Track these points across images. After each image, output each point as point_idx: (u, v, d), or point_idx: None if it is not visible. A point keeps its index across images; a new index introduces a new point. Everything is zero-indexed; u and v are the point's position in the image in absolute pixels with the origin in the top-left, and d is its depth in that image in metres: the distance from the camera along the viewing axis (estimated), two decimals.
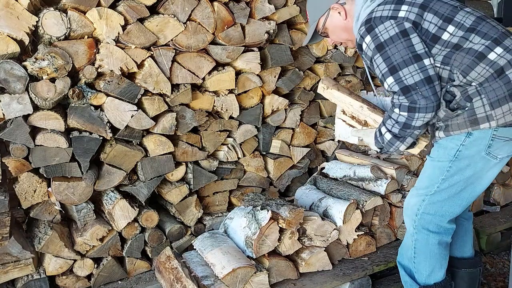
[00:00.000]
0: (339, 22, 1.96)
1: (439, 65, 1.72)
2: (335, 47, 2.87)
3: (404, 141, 1.84)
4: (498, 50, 1.66)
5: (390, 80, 1.74)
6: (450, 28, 1.70)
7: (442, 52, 1.72)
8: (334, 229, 2.40)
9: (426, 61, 1.69)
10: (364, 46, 1.79)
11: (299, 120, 2.87)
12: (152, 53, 2.29)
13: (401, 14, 1.72)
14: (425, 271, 1.98)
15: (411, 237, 1.99)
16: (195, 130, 2.55)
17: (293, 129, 2.87)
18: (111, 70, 2.20)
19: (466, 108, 1.70)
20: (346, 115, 2.16)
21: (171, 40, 2.34)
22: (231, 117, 2.62)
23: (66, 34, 2.10)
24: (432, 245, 1.94)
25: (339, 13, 1.95)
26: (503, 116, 1.66)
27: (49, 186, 2.18)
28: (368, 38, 1.76)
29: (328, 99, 2.21)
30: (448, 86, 1.73)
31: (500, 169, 1.81)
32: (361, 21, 1.82)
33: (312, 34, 2.06)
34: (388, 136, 1.85)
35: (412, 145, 1.91)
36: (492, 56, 1.66)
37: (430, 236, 1.93)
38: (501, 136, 1.72)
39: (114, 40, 2.19)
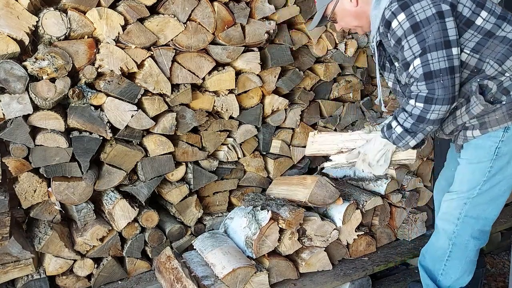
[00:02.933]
0: (350, 8, 1.89)
1: (468, 51, 1.66)
2: (335, 46, 2.87)
3: (415, 136, 1.78)
4: None
5: (417, 62, 1.66)
6: (483, 13, 1.65)
7: (474, 38, 1.65)
8: (334, 229, 2.40)
9: (455, 50, 1.63)
10: (394, 24, 1.69)
11: (299, 120, 2.86)
12: (152, 53, 2.29)
13: None
14: (455, 275, 1.95)
15: (449, 240, 1.94)
16: (195, 130, 2.55)
17: (293, 129, 2.87)
18: (111, 70, 2.20)
19: (504, 102, 1.65)
20: (336, 156, 2.15)
21: (171, 40, 2.34)
22: (231, 117, 2.62)
23: (66, 34, 2.09)
24: (470, 251, 1.91)
25: None
26: None
27: (49, 186, 2.18)
28: (402, 16, 1.65)
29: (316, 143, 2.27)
30: (479, 80, 1.67)
31: None
32: None
33: (322, 20, 2.00)
34: (399, 129, 1.79)
35: (422, 143, 1.85)
36: None
37: (471, 242, 1.89)
38: None
39: (114, 40, 2.19)
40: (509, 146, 1.72)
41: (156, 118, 2.35)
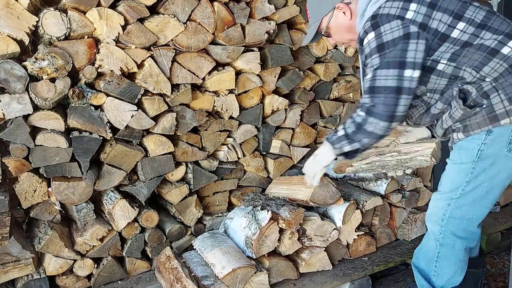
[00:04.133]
0: (344, 22, 1.91)
1: (445, 62, 1.68)
2: (335, 47, 2.87)
3: (351, 143, 1.82)
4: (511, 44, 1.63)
5: (369, 75, 1.72)
6: (461, 25, 1.66)
7: (450, 50, 1.67)
8: (334, 229, 2.41)
9: (408, 72, 1.65)
10: (365, 41, 1.74)
11: (299, 120, 2.86)
12: (152, 53, 2.29)
13: (409, 15, 1.67)
14: (446, 275, 1.96)
15: (436, 241, 1.95)
16: (195, 130, 2.55)
17: (293, 129, 2.87)
18: (111, 70, 2.20)
19: (484, 106, 1.66)
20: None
21: (171, 40, 2.34)
22: (231, 117, 2.62)
23: (66, 34, 2.10)
24: (458, 250, 1.91)
25: (343, 13, 1.89)
26: None
27: (49, 186, 2.18)
28: (371, 35, 1.71)
29: None
30: (460, 85, 1.69)
31: None
32: (368, 16, 1.76)
33: (316, 35, 2.02)
34: (341, 132, 1.84)
35: (353, 154, 1.88)
36: (505, 50, 1.63)
37: (457, 241, 1.90)
38: None
39: (114, 40, 2.19)
40: (492, 148, 1.72)
41: (156, 118, 2.35)
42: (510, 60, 1.63)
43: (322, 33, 1.99)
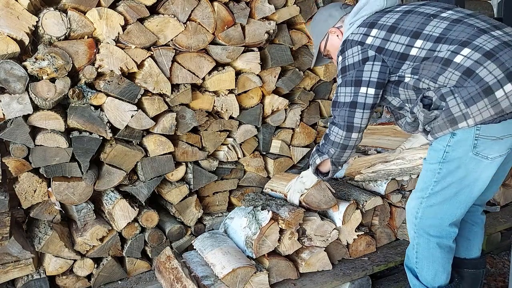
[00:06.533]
0: (337, 44, 2.08)
1: (409, 75, 1.79)
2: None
3: (321, 156, 2.09)
4: (465, 51, 1.65)
5: (334, 92, 1.99)
6: (418, 43, 1.76)
7: (411, 66, 1.78)
8: (334, 229, 2.40)
9: (362, 89, 1.85)
10: (337, 62, 1.98)
11: (299, 120, 2.86)
12: (152, 53, 2.29)
13: (368, 40, 1.85)
14: (428, 275, 1.97)
15: (413, 240, 1.98)
16: (195, 130, 2.55)
17: (293, 129, 2.87)
18: (111, 70, 2.20)
19: (443, 108, 1.70)
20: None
21: (171, 40, 2.34)
22: (231, 117, 2.62)
23: (66, 34, 2.10)
24: (433, 249, 1.92)
25: (337, 36, 2.09)
26: (480, 114, 1.63)
27: (49, 186, 2.18)
28: (340, 58, 1.94)
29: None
30: (425, 92, 1.77)
31: (495, 169, 1.77)
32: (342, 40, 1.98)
33: (319, 57, 2.23)
34: (314, 149, 2.15)
35: (330, 172, 2.13)
36: (458, 59, 1.65)
37: (431, 240, 1.91)
38: (486, 135, 1.69)
39: (114, 40, 2.19)
40: (457, 151, 1.75)
41: (156, 118, 2.35)
42: (462, 68, 1.64)
43: (322, 55, 2.21)
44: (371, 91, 1.85)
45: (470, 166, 1.76)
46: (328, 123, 2.03)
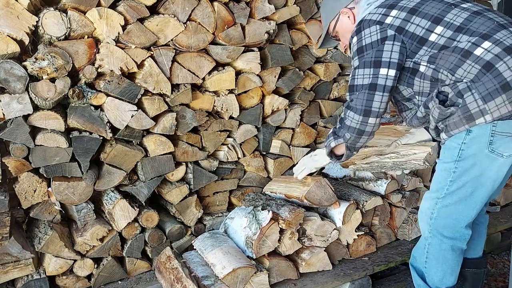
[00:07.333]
0: (348, 26, 2.02)
1: (425, 64, 1.75)
2: (336, 47, 2.87)
3: (336, 139, 1.99)
4: (486, 44, 1.64)
5: (350, 75, 1.89)
6: (438, 29, 1.72)
7: (428, 53, 1.74)
8: (334, 229, 2.41)
9: (382, 70, 1.77)
10: (351, 44, 1.91)
11: (299, 120, 2.86)
12: (152, 53, 2.29)
13: (388, 20, 1.79)
14: (436, 276, 1.95)
15: (425, 240, 1.95)
16: (195, 130, 2.54)
17: (293, 129, 2.87)
18: (111, 70, 2.20)
19: (459, 105, 1.68)
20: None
21: (171, 40, 2.34)
22: (231, 117, 2.62)
23: (66, 34, 2.09)
24: (445, 250, 1.91)
25: (348, 17, 2.04)
26: (498, 109, 1.63)
27: (49, 186, 2.18)
28: (355, 39, 1.86)
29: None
30: (440, 87, 1.74)
31: (509, 167, 1.74)
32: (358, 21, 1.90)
33: (326, 38, 2.17)
34: (331, 131, 2.05)
35: (345, 155, 2.03)
36: (478, 51, 1.64)
37: (444, 241, 1.90)
38: (502, 131, 1.67)
39: (114, 40, 2.19)
40: (472, 149, 1.73)
41: (156, 118, 2.35)
42: (482, 62, 1.63)
43: (331, 36, 2.14)
44: (392, 72, 1.77)
45: (485, 164, 1.73)
46: (343, 107, 1.94)
